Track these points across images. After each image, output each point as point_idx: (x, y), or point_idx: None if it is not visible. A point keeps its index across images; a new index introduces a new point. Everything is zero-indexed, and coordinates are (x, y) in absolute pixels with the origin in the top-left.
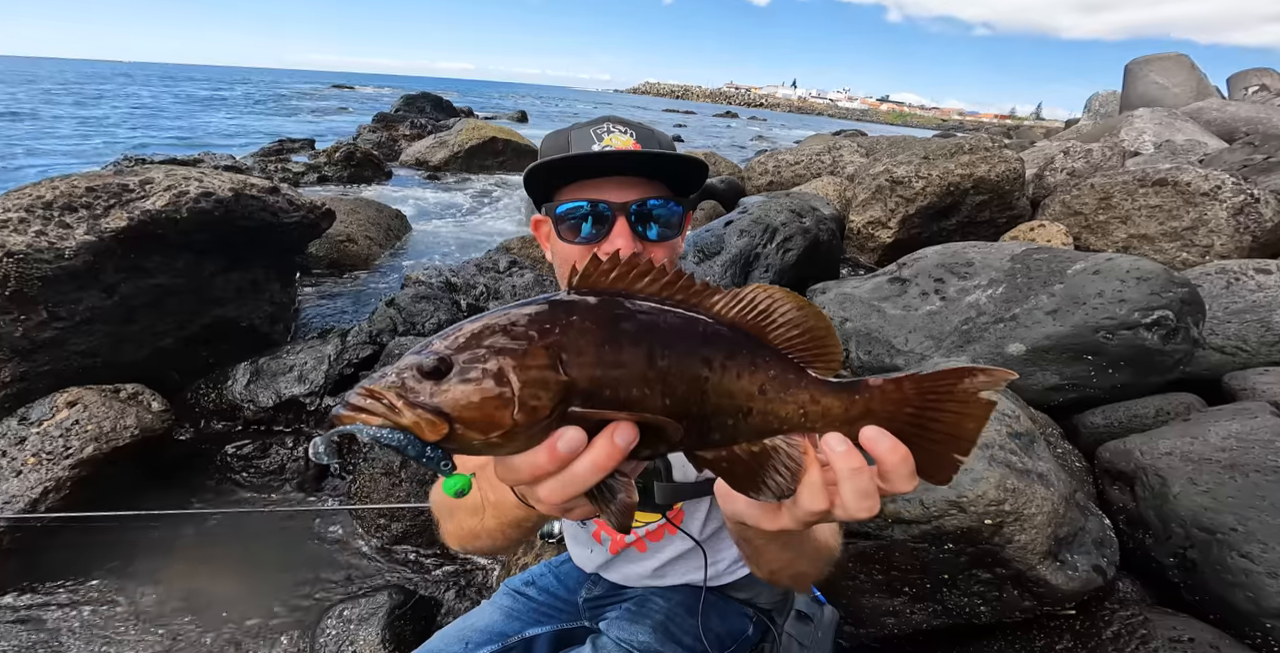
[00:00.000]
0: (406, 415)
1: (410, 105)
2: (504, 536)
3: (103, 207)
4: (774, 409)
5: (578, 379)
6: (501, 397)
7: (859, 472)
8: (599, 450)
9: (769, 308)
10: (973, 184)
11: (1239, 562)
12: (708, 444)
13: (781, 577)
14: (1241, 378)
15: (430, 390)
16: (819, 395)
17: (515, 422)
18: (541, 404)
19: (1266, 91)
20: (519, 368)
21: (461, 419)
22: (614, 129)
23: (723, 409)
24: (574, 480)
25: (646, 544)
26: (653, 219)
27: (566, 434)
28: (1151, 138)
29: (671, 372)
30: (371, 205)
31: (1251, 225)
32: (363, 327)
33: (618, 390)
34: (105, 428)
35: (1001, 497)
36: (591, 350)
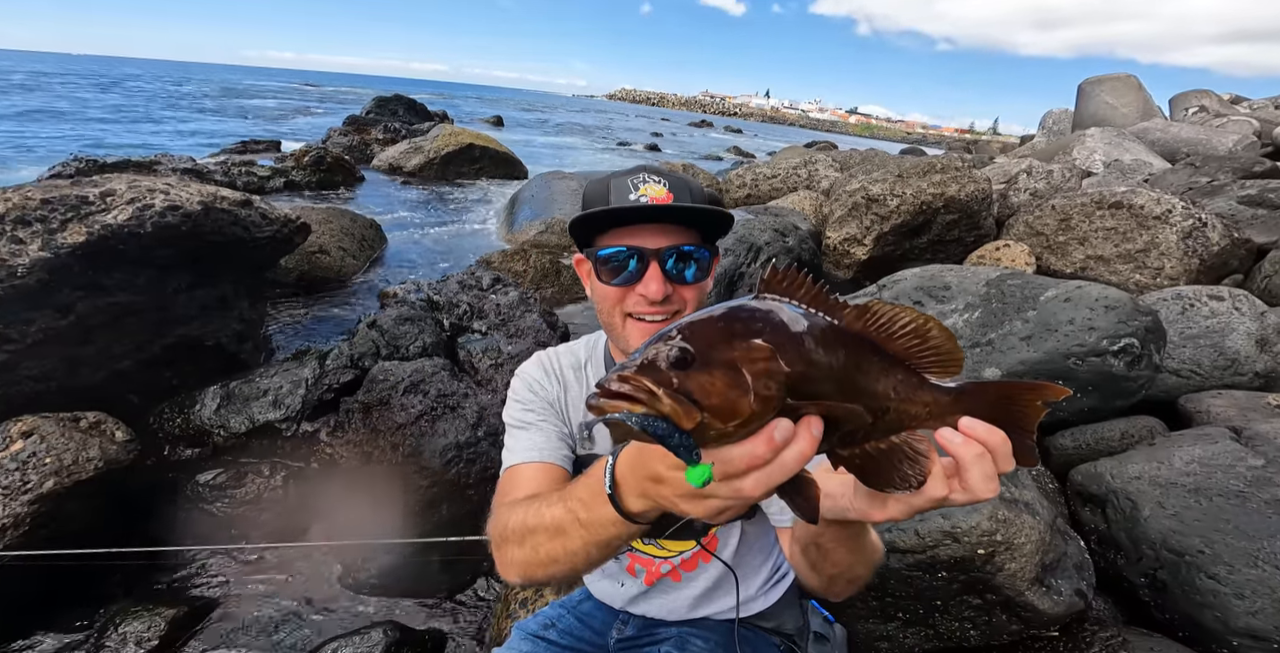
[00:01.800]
0: (666, 403)
1: (382, 108)
2: (586, 557)
3: (59, 220)
4: (905, 408)
5: (792, 374)
6: (740, 385)
7: (983, 457)
8: (803, 440)
9: (892, 318)
10: (943, 203)
11: (1207, 583)
12: (851, 442)
13: (838, 583)
14: (1196, 400)
15: (680, 380)
16: (936, 396)
17: (752, 410)
18: (772, 394)
19: (1205, 113)
20: (748, 360)
21: (709, 407)
22: (649, 179)
23: (871, 408)
24: (780, 470)
25: (681, 575)
26: (684, 263)
27: (781, 424)
28: (1101, 157)
29: (845, 371)
30: (345, 215)
31: (1199, 249)
32: (343, 349)
33: (816, 384)
34: (66, 461)
35: (994, 527)
36: (798, 347)
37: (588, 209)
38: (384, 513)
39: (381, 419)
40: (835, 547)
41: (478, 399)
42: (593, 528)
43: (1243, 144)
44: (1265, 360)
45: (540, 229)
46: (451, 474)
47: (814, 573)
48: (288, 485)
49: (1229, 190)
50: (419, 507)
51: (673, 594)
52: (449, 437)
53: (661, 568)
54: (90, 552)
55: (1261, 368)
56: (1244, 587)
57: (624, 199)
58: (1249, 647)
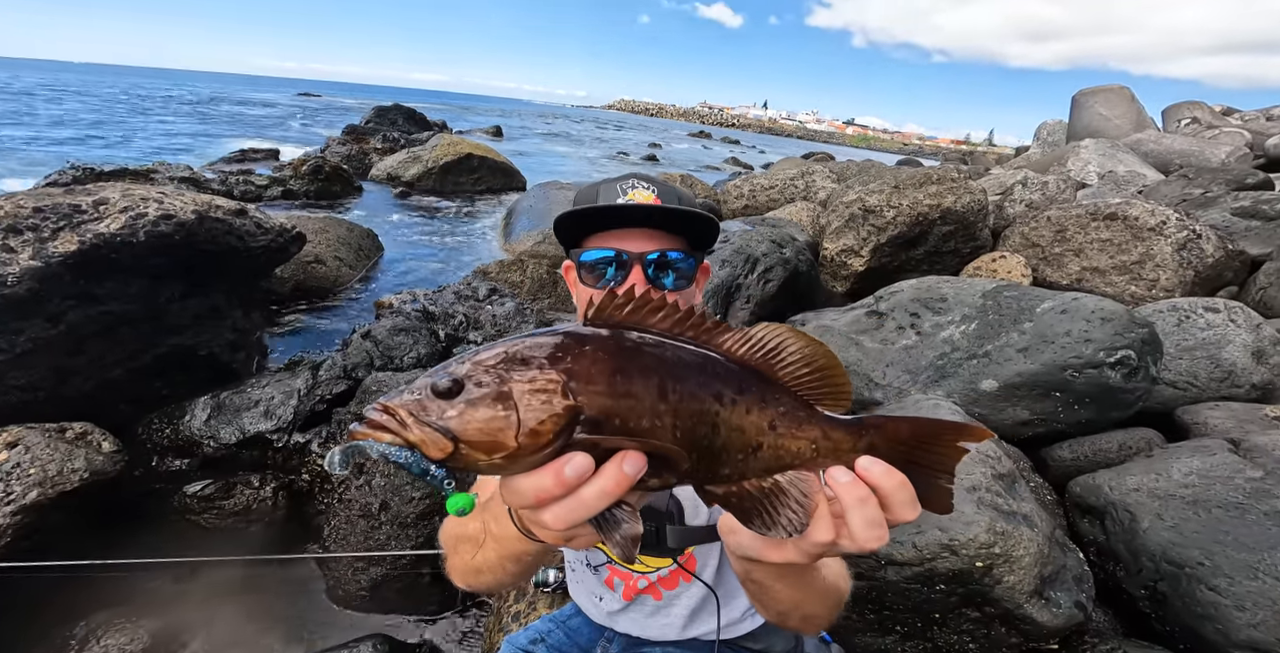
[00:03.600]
0: (415, 433)
1: (382, 117)
2: (504, 570)
3: (51, 229)
4: (785, 444)
5: (586, 406)
6: (507, 419)
7: (866, 501)
8: (607, 478)
9: (778, 346)
10: (940, 214)
11: (1207, 595)
12: (718, 479)
13: (791, 619)
14: (1194, 412)
15: (440, 410)
16: (829, 431)
17: (519, 445)
18: (545, 429)
19: (1197, 124)
20: (526, 393)
21: (466, 440)
22: (638, 185)
23: (733, 444)
24: (580, 507)
25: (661, 592)
26: (667, 269)
27: (575, 460)
28: (1096, 168)
29: (683, 404)
30: (341, 224)
31: (1194, 260)
32: (336, 360)
33: (627, 420)
34: (51, 472)
35: (991, 540)
36: (602, 379)
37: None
38: (374, 525)
39: None
40: (773, 583)
41: None
42: (502, 542)
43: (1235, 155)
44: (1262, 372)
45: (538, 239)
46: None
47: (761, 607)
48: (278, 497)
49: (1222, 202)
50: (412, 519)
51: (656, 614)
52: None
53: (638, 584)
54: (73, 563)
55: (1258, 380)
56: (1244, 599)
57: (611, 203)
58: None
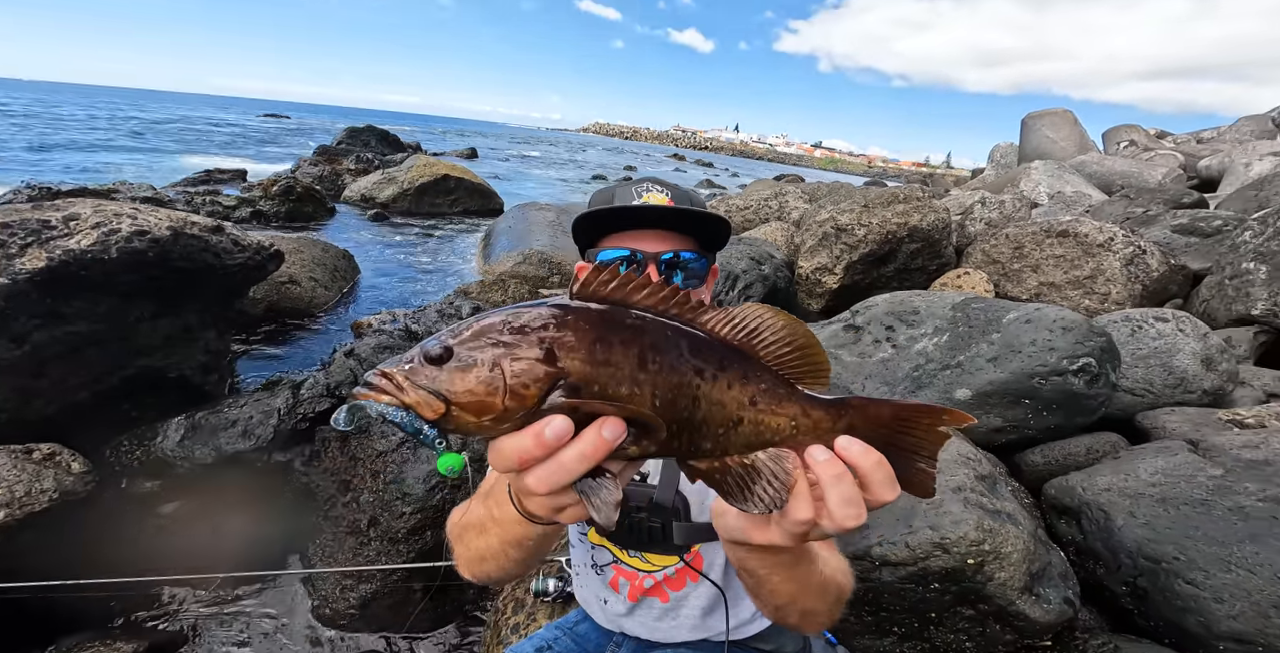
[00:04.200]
0: (410, 394)
1: (354, 139)
2: (506, 556)
3: (18, 245)
4: (765, 420)
5: (567, 372)
6: (492, 382)
7: (842, 477)
8: (586, 441)
9: (759, 326)
10: (907, 233)
11: (1186, 588)
12: (700, 453)
13: (790, 614)
14: (1152, 417)
15: (432, 374)
16: (809, 408)
17: (505, 406)
18: (529, 392)
19: (1135, 147)
20: (511, 358)
21: (456, 401)
22: (653, 188)
23: (714, 417)
24: (561, 469)
25: (668, 594)
26: (680, 268)
27: (554, 422)
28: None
29: (662, 375)
30: (316, 244)
31: (1141, 275)
32: (318, 378)
33: (607, 386)
34: (18, 493)
35: (981, 537)
36: (584, 347)
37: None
38: (362, 541)
39: (360, 447)
40: (768, 574)
41: None
42: (504, 525)
43: (1170, 177)
44: (1212, 378)
45: (518, 260)
46: (436, 500)
47: (760, 602)
48: (258, 516)
49: (1162, 220)
50: (403, 534)
51: (664, 617)
52: (432, 463)
53: (644, 583)
54: (44, 584)
55: (1209, 385)
56: (1221, 591)
57: (627, 205)
58: (1235, 651)
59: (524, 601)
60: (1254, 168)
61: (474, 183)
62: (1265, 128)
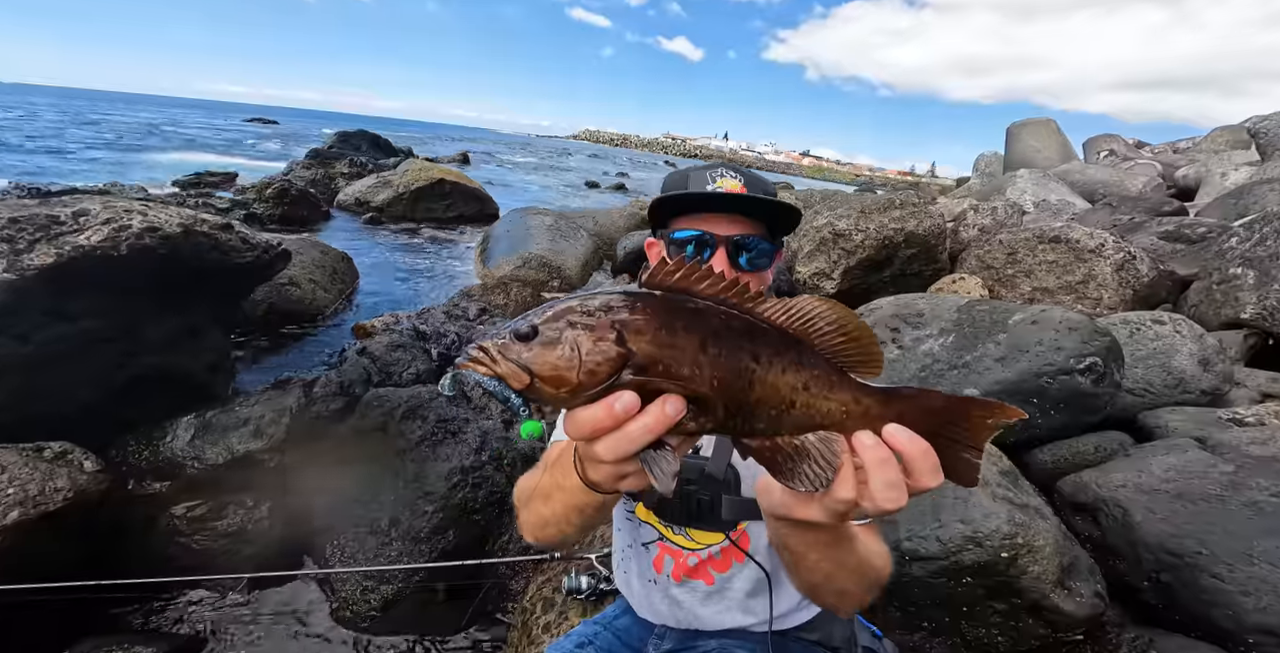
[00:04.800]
0: (501, 367)
1: (345, 143)
2: (567, 521)
3: (26, 240)
4: (816, 405)
5: (635, 353)
6: (570, 359)
7: (886, 462)
8: (650, 415)
9: (814, 316)
10: (904, 238)
11: (1211, 582)
12: (754, 433)
13: (824, 593)
14: (1155, 417)
15: (520, 350)
16: (860, 396)
17: (580, 381)
18: (600, 369)
19: (1114, 156)
20: (586, 338)
21: (539, 374)
22: (726, 173)
23: (767, 400)
24: (627, 439)
25: (713, 575)
26: (748, 251)
27: (623, 397)
28: (1031, 198)
29: (721, 359)
30: (316, 246)
31: (1132, 280)
32: (331, 377)
33: (670, 367)
34: (31, 492)
35: (1013, 530)
36: (650, 331)
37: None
38: (384, 541)
39: (378, 445)
40: (806, 551)
41: (479, 425)
42: (569, 492)
43: (1150, 186)
44: (1209, 379)
45: (517, 264)
46: (458, 499)
47: (795, 578)
48: (274, 517)
49: (1148, 227)
50: (425, 533)
51: (708, 600)
52: (453, 461)
53: (689, 561)
54: (58, 586)
55: (1207, 386)
56: (1247, 584)
57: (701, 189)
58: (1266, 643)
59: (553, 599)
60: (1230, 177)
61: (469, 187)
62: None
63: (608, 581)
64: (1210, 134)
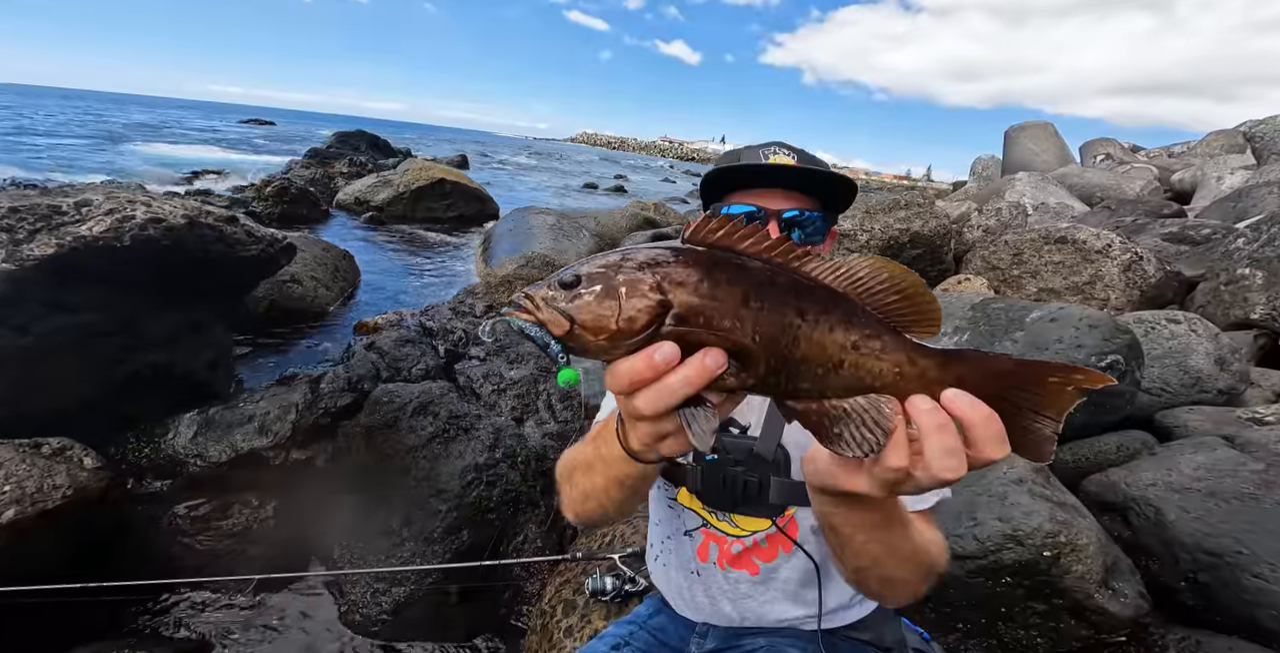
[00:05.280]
0: (544, 313)
1: (344, 143)
2: (608, 495)
3: (27, 230)
4: (867, 365)
5: (675, 303)
6: (609, 307)
7: (944, 428)
8: (690, 367)
9: (865, 275)
10: (909, 238)
11: (1254, 582)
12: (799, 394)
13: (870, 579)
14: (1174, 416)
15: (562, 298)
16: (915, 357)
17: (618, 328)
18: (640, 317)
19: (1111, 160)
20: (628, 288)
21: (579, 321)
22: (779, 150)
23: (813, 358)
24: (667, 390)
25: (758, 565)
26: (799, 226)
27: (663, 347)
28: (1030, 200)
29: (764, 313)
30: (318, 244)
31: (1139, 280)
32: (339, 373)
33: (711, 319)
34: (29, 489)
35: (1055, 529)
36: (691, 283)
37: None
38: (395, 542)
39: (388, 443)
40: (854, 532)
41: (492, 421)
42: (610, 463)
43: (1147, 189)
44: (1226, 378)
45: (520, 263)
46: (472, 497)
47: (840, 562)
48: (280, 516)
49: (1152, 228)
50: (439, 533)
51: (753, 592)
52: (466, 458)
53: (733, 548)
54: (57, 587)
55: (1223, 385)
56: None
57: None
58: None
59: (574, 602)
60: (1226, 181)
61: (470, 187)
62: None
63: (633, 581)
64: (1205, 138)
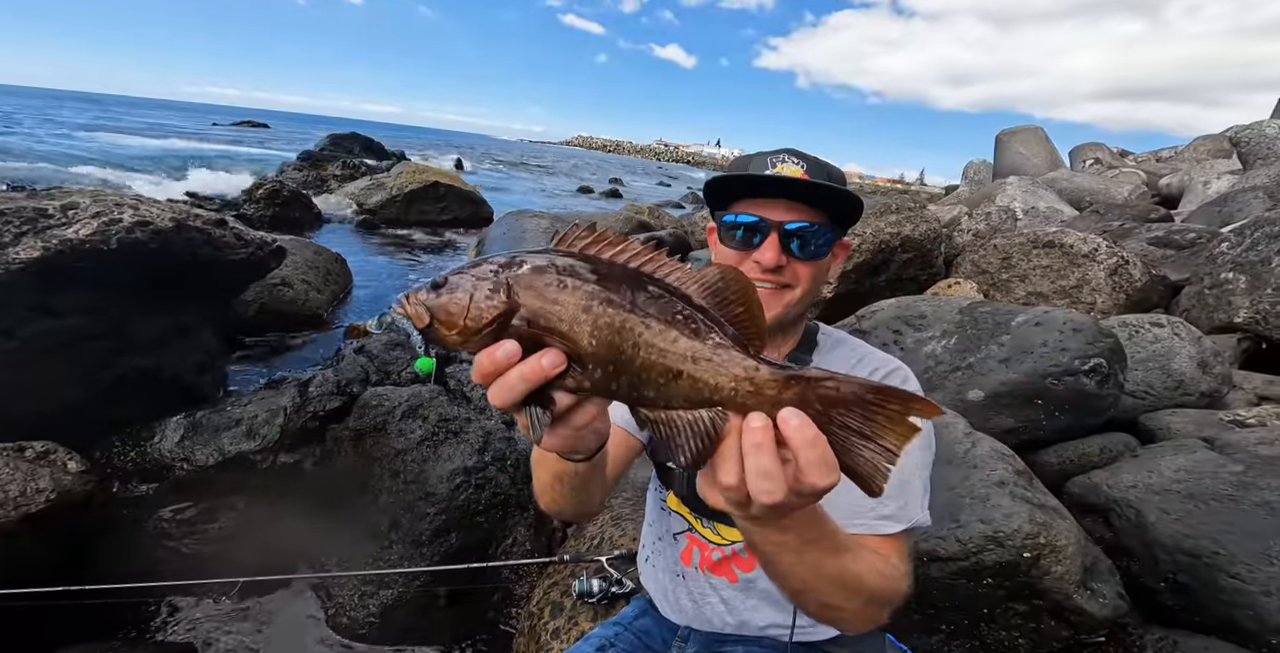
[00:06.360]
0: (410, 308)
1: (338, 145)
2: (557, 490)
3: (12, 233)
4: (704, 378)
5: (521, 305)
6: (460, 305)
7: (761, 448)
8: (526, 364)
9: (724, 285)
10: (900, 242)
11: (1231, 583)
12: (645, 402)
13: (807, 603)
14: (1156, 419)
15: (427, 296)
16: (754, 374)
17: (466, 325)
18: (485, 317)
19: (1100, 164)
20: (479, 289)
21: (436, 316)
22: (788, 159)
23: (652, 366)
24: (507, 385)
25: (737, 574)
26: (800, 238)
27: (504, 344)
28: (1020, 204)
29: (604, 318)
30: (309, 246)
31: (1125, 284)
32: (328, 376)
33: (551, 323)
34: (13, 493)
35: (1035, 530)
36: (536, 287)
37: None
38: (383, 545)
39: (377, 446)
40: (778, 553)
41: (481, 424)
42: (546, 458)
43: (1135, 193)
44: (1208, 381)
45: None
46: (461, 500)
47: (776, 583)
48: (266, 520)
49: (1138, 233)
50: (426, 536)
51: (731, 598)
52: (455, 461)
53: (713, 555)
54: (40, 590)
55: (1206, 388)
56: (1268, 584)
57: (760, 174)
58: None
59: (562, 604)
60: (1213, 186)
61: (464, 190)
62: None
63: (619, 584)
64: (1192, 143)
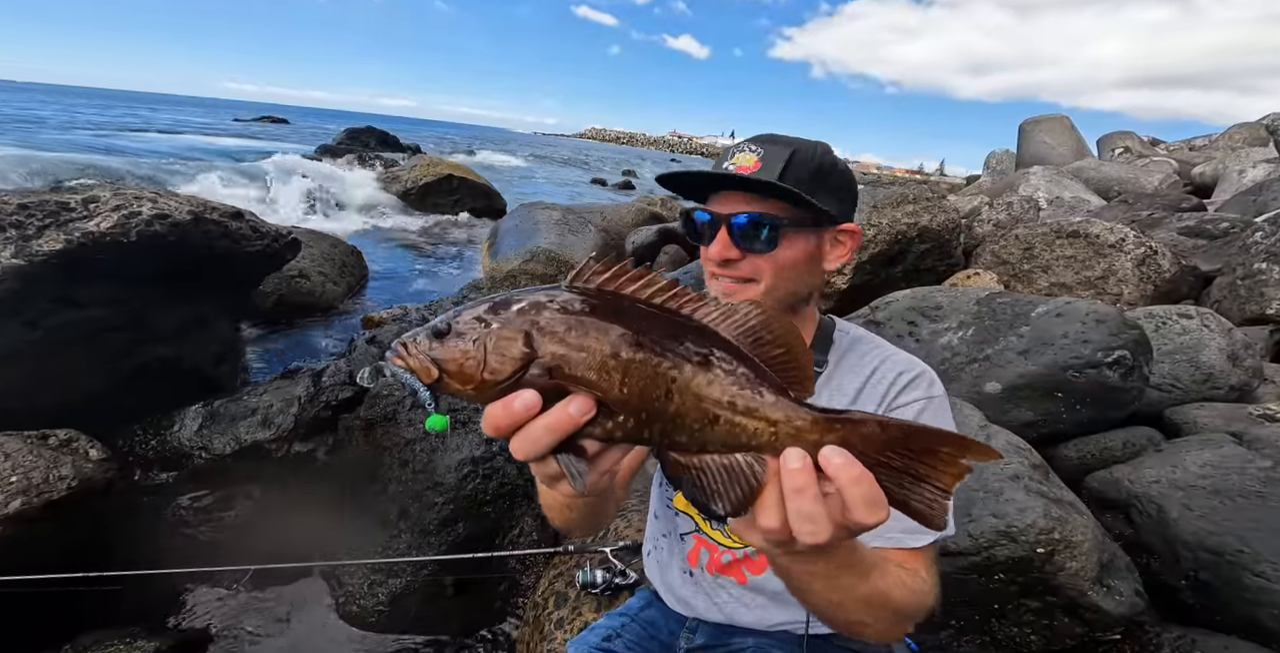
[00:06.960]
0: (414, 361)
1: (354, 139)
2: (565, 514)
3: (36, 226)
4: (742, 422)
5: (542, 354)
6: (474, 356)
7: (802, 491)
8: (553, 415)
9: (759, 325)
10: (917, 233)
11: (1255, 581)
12: (677, 447)
13: (835, 621)
14: (1183, 412)
15: (433, 346)
16: (794, 416)
17: (483, 378)
18: (503, 369)
19: (1129, 153)
20: (494, 338)
21: (446, 370)
22: (747, 148)
23: (688, 412)
24: (531, 437)
25: (746, 575)
26: (750, 230)
27: (522, 395)
28: (1044, 194)
29: (634, 364)
30: (326, 239)
31: (1153, 275)
32: (340, 366)
33: (577, 370)
34: (35, 480)
35: (1050, 525)
36: (559, 332)
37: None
38: (392, 534)
39: (387, 435)
40: (810, 581)
41: None
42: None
43: (1166, 183)
44: (1238, 374)
45: (525, 258)
46: (468, 490)
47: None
48: (280, 508)
49: (1168, 222)
50: (434, 525)
51: (739, 599)
52: (464, 451)
53: (722, 557)
54: (60, 576)
55: (1235, 381)
56: None
57: (719, 167)
58: None
59: (566, 594)
60: (1248, 174)
61: (477, 182)
62: (1258, 135)
63: (623, 575)
64: (1228, 131)
